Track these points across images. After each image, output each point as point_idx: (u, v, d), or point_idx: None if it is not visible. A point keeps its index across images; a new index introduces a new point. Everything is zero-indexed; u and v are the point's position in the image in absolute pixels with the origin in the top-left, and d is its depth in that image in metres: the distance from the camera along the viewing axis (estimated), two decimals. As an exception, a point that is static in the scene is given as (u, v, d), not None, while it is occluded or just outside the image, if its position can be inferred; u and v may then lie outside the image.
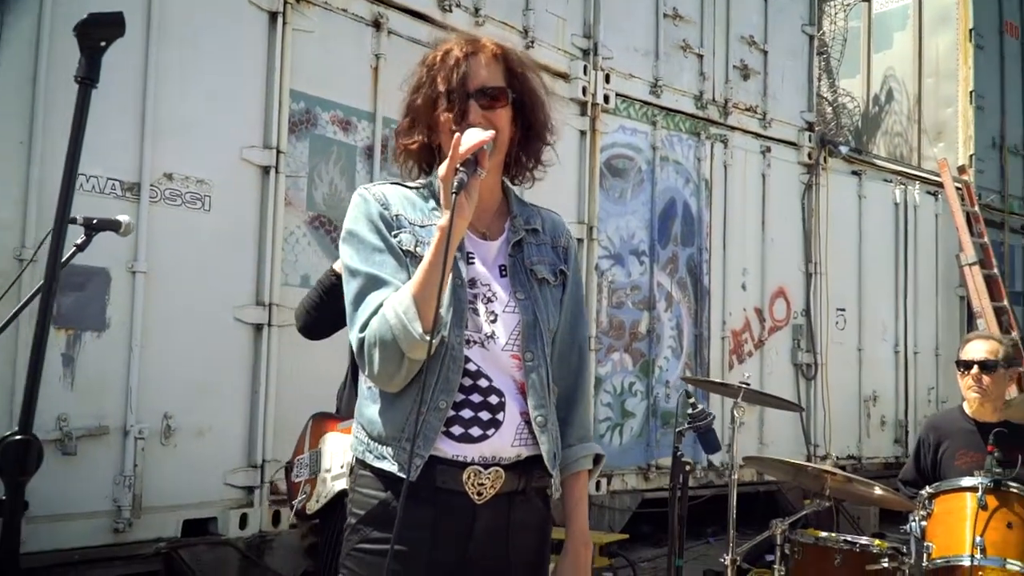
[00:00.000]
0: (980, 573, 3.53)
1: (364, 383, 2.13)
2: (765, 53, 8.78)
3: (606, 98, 7.32)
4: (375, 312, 2.00)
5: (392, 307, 1.97)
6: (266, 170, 5.22)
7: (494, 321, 2.09)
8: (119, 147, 4.62)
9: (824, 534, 4.13)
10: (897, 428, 9.98)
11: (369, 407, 2.10)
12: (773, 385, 8.28)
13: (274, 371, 5.21)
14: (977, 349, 4.35)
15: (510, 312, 2.10)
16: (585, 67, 7.19)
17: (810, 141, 9.11)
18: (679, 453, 3.94)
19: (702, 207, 8.11)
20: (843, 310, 9.45)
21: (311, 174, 5.54)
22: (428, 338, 1.91)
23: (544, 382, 2.10)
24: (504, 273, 2.14)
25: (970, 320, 10.71)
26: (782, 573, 3.95)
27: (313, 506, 3.71)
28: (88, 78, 1.47)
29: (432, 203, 2.14)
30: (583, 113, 7.20)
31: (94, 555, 4.46)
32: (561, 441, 2.18)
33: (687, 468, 3.96)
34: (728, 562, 4.16)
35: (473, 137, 1.98)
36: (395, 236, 2.09)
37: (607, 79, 7.34)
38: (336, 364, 5.46)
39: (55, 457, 4.30)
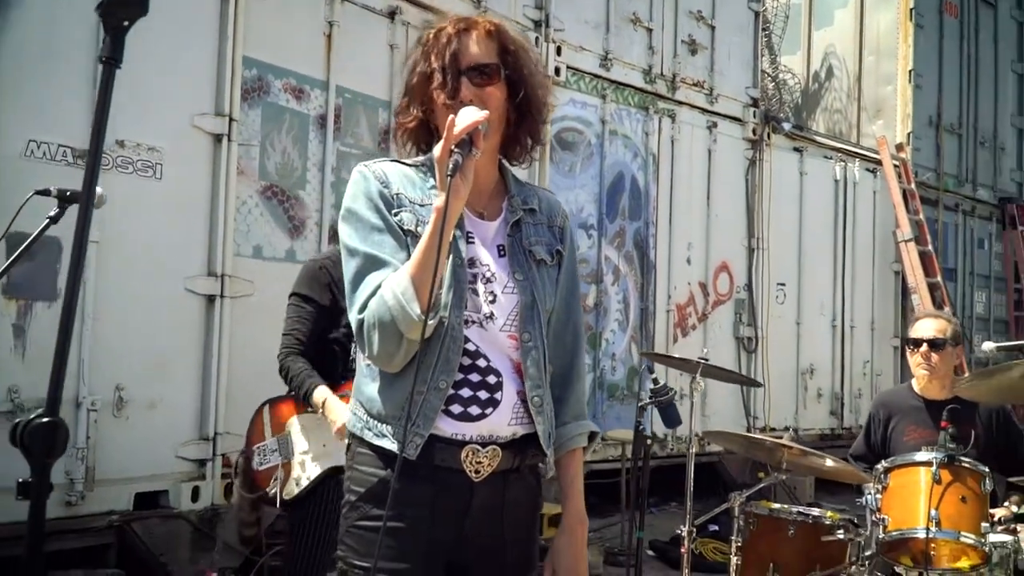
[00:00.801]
0: (933, 545, 3.62)
1: (363, 361, 2.13)
2: (712, 28, 8.83)
3: (557, 71, 7.31)
4: (373, 293, 2.00)
5: (390, 288, 1.96)
6: (218, 138, 5.13)
7: (493, 301, 2.09)
8: (71, 114, 4.50)
9: (777, 506, 4.21)
10: (833, 400, 10.19)
11: (368, 385, 2.10)
12: (716, 359, 8.32)
13: (226, 343, 5.15)
14: (926, 327, 4.45)
15: (509, 293, 2.11)
16: (537, 39, 7.16)
17: (754, 117, 9.20)
18: (641, 427, 3.99)
19: (649, 181, 8.16)
20: (783, 285, 9.60)
21: (263, 143, 5.45)
22: (425, 319, 1.91)
23: (541, 363, 2.12)
24: (502, 253, 2.15)
25: (904, 295, 10.96)
26: (739, 544, 4.02)
27: (293, 490, 3.68)
28: (112, 58, 1.44)
29: (431, 181, 2.13)
30: (535, 85, 7.17)
31: (47, 528, 4.36)
32: (556, 419, 2.20)
33: (648, 442, 4.01)
34: (685, 533, 4.23)
35: (467, 117, 1.98)
36: (395, 215, 2.08)
37: (558, 51, 7.33)
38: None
39: (6, 429, 4.20)
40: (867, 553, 3.80)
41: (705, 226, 8.70)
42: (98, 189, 3.04)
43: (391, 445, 2.03)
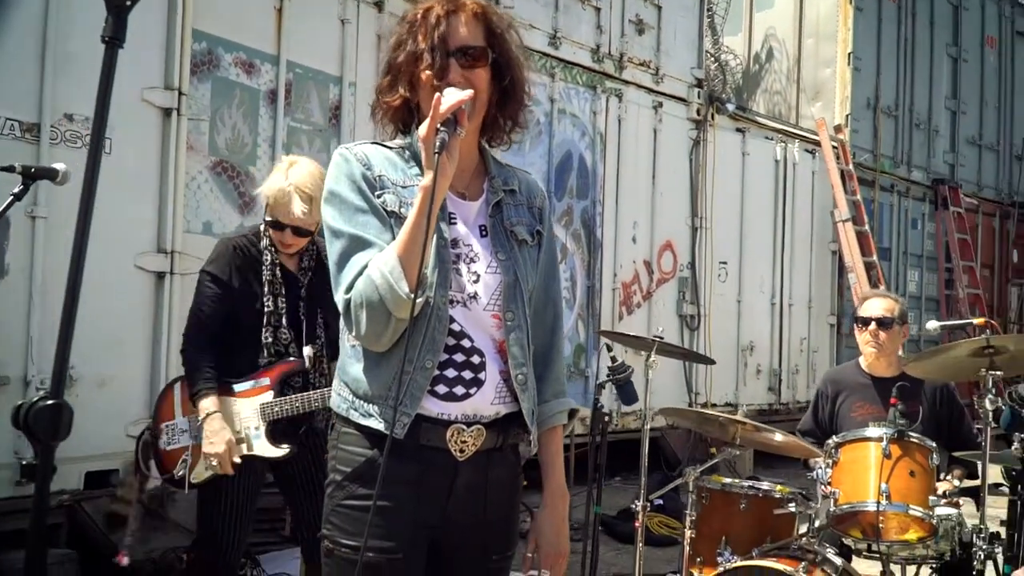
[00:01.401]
0: (882, 517, 3.73)
1: (348, 342, 2.13)
2: (659, 8, 8.89)
3: (506, 49, 7.29)
4: (360, 273, 2.00)
5: (378, 268, 1.97)
6: (167, 112, 5.06)
7: (476, 281, 2.11)
8: (18, 87, 4.40)
9: (729, 480, 4.29)
10: (771, 377, 10.39)
11: (353, 365, 2.11)
12: (660, 336, 8.50)
13: (176, 320, 5.08)
14: (875, 307, 4.56)
15: (492, 272, 2.12)
16: (486, 16, 7.14)
17: (699, 98, 9.29)
18: (599, 405, 4.04)
19: (597, 160, 8.21)
20: (725, 263, 9.74)
21: (213, 118, 5.39)
22: (414, 297, 1.92)
23: (524, 342, 2.14)
24: (484, 233, 2.16)
25: (841, 274, 11.18)
26: (693, 518, 4.09)
27: (202, 474, 3.58)
28: (115, 38, 1.42)
29: (413, 164, 2.14)
30: (484, 63, 7.16)
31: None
32: (537, 397, 2.22)
33: (606, 419, 4.06)
34: (640, 507, 4.30)
35: (453, 96, 1.98)
36: (378, 197, 2.08)
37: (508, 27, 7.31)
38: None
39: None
40: (817, 525, 3.90)
41: (650, 205, 8.79)
42: (60, 165, 3.02)
43: (378, 424, 2.04)
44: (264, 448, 3.59)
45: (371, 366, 2.08)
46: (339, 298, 2.04)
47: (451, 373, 2.06)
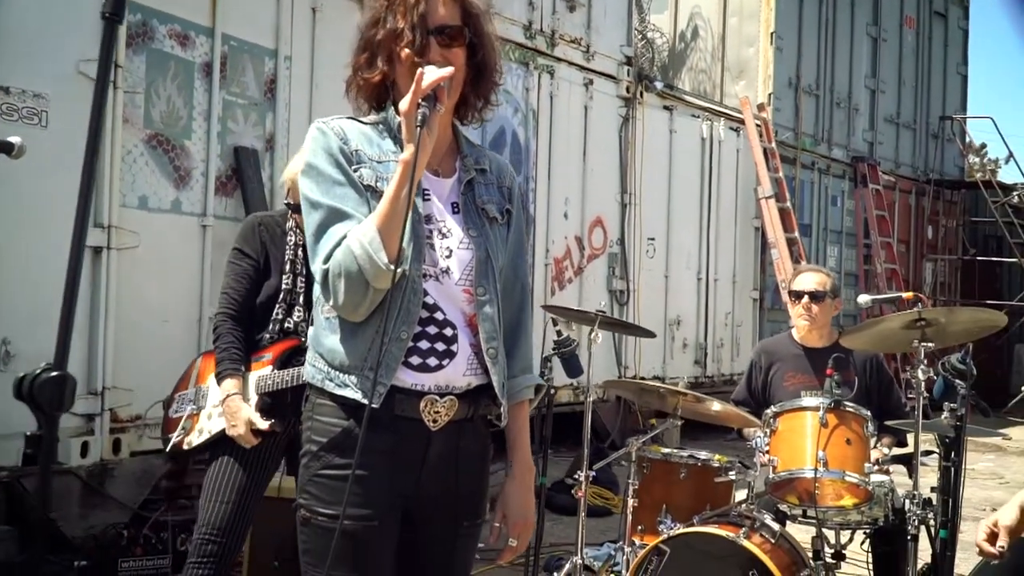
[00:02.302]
0: (818, 484, 3.87)
1: (322, 314, 2.16)
2: (590, -14, 8.95)
3: (441, 23, 7.29)
4: (338, 244, 2.04)
5: (357, 239, 2.01)
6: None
7: (448, 256, 2.15)
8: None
9: (668, 450, 4.41)
10: (697, 350, 10.60)
11: (328, 337, 2.14)
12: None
13: (113, 296, 5.02)
14: (808, 280, 4.70)
15: (464, 248, 2.17)
16: (421, -9, 7.12)
17: (628, 75, 9.39)
18: (547, 378, 4.11)
19: (529, 137, 8.26)
20: (653, 239, 9.89)
21: (148, 90, 5.29)
22: (393, 268, 1.98)
23: (495, 316, 2.19)
24: (456, 210, 2.21)
25: (764, 250, 11.45)
26: (635, 487, 4.19)
27: (193, 440, 3.65)
28: (115, 14, 1.43)
29: (388, 139, 2.18)
30: (418, 38, 7.15)
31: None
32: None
33: (552, 392, 4.13)
34: (583, 478, 4.39)
35: (434, 73, 2.03)
36: (355, 170, 2.12)
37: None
38: (177, 291, 5.37)
39: None
40: (756, 492, 4.03)
41: (581, 182, 8.88)
42: (15, 138, 2.96)
43: (354, 394, 2.08)
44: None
45: (347, 337, 2.11)
46: (316, 268, 2.08)
47: (424, 345, 2.11)
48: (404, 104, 2.01)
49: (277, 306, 3.63)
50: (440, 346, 2.12)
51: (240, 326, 3.61)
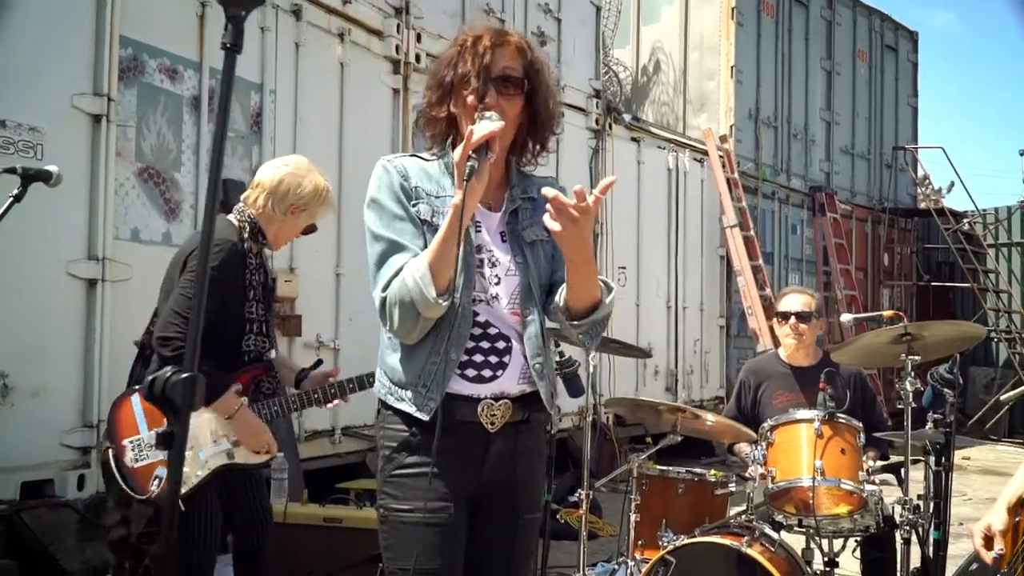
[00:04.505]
0: (811, 494, 3.98)
1: (385, 334, 2.37)
2: (559, 21, 9.16)
3: (417, 57, 7.42)
4: (395, 274, 2.24)
5: (411, 272, 2.22)
6: (97, 118, 5.01)
7: (498, 283, 2.36)
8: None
9: (663, 468, 4.52)
10: (668, 377, 10.76)
11: (391, 355, 2.37)
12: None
13: (108, 328, 5.04)
14: (794, 301, 4.85)
15: (511, 275, 2.37)
16: (398, 25, 7.26)
17: (597, 108, 9.59)
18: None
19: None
20: (624, 268, 10.05)
21: (139, 124, 5.36)
22: (441, 301, 2.19)
23: (539, 332, 2.38)
24: (504, 239, 2.41)
25: (730, 278, 11.65)
26: (637, 502, 4.30)
27: (191, 481, 3.45)
28: (235, 44, 1.53)
29: (447, 176, 2.38)
30: (396, 71, 7.28)
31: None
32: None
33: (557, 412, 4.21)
34: (584, 496, 4.48)
35: (484, 128, 2.22)
36: (414, 206, 2.33)
37: (418, 39, 7.45)
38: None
39: None
40: (755, 503, 4.15)
41: (554, 212, 8.98)
42: (53, 167, 3.02)
43: (409, 408, 2.31)
44: (245, 456, 3.58)
45: (404, 356, 2.33)
46: (376, 295, 2.29)
47: (479, 359, 2.32)
48: (456, 154, 2.22)
49: (246, 337, 3.58)
50: (493, 359, 2.32)
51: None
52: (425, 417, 2.26)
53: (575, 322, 2.32)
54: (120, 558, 4.56)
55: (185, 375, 1.41)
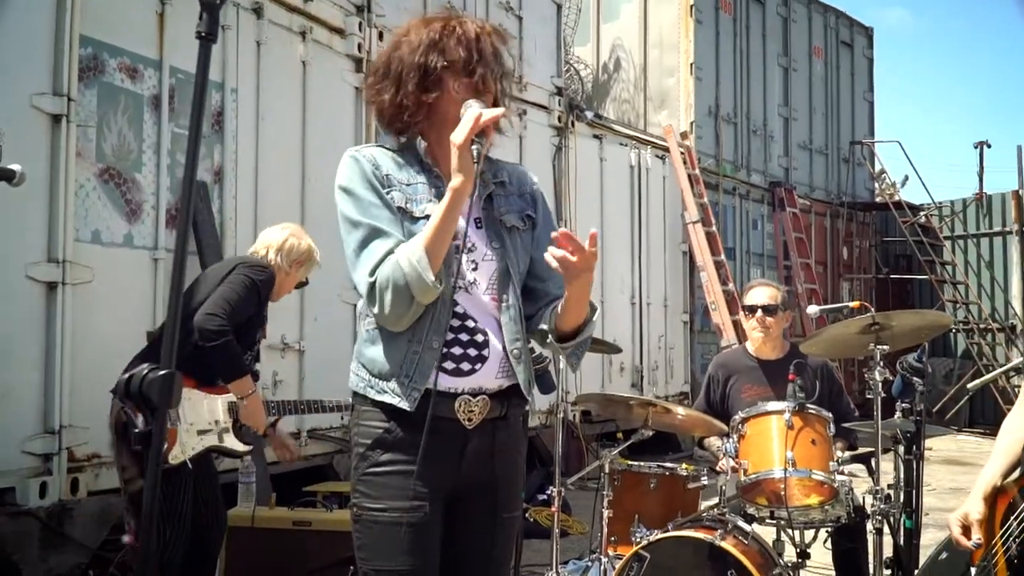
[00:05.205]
0: (783, 485, 4.00)
1: (364, 326, 2.32)
2: (520, 19, 9.15)
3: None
4: (382, 259, 2.20)
5: (406, 256, 2.17)
6: (56, 119, 4.92)
7: (475, 269, 2.33)
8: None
9: (634, 463, 4.52)
10: (634, 373, 10.79)
11: (369, 347, 2.30)
12: (532, 336, 8.72)
13: (68, 332, 4.94)
14: (761, 295, 4.87)
15: (488, 260, 2.35)
16: (360, 23, 7.22)
17: (559, 105, 9.59)
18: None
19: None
20: (588, 262, 10.02)
21: (100, 124, 5.27)
22: (439, 285, 2.17)
23: (518, 318, 2.35)
24: (480, 225, 2.37)
25: (692, 273, 11.71)
26: (610, 498, 4.29)
27: (178, 456, 3.77)
28: (210, 33, 1.49)
29: (415, 164, 2.35)
30: (358, 70, 7.23)
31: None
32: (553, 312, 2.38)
33: (527, 409, 4.20)
34: (555, 493, 4.47)
35: (490, 112, 2.21)
36: (387, 193, 2.29)
37: (380, 37, 7.41)
38: (131, 325, 5.31)
39: None
40: (728, 496, 4.16)
41: (518, 210, 8.97)
42: (16, 166, 2.96)
43: (392, 400, 2.25)
44: (232, 442, 4.02)
45: (384, 347, 2.27)
46: (362, 280, 2.23)
47: (458, 351, 2.28)
48: (458, 137, 2.17)
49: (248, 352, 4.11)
50: (472, 351, 2.28)
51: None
52: (409, 407, 2.21)
53: (564, 344, 2.37)
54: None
55: (162, 372, 1.37)
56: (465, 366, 2.28)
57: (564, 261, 2.19)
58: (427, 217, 2.24)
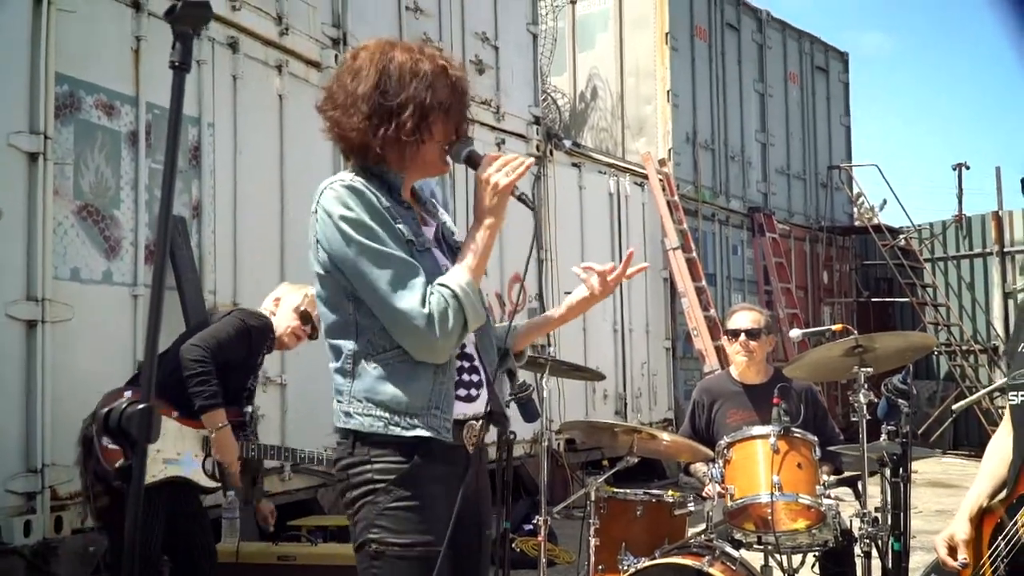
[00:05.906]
0: (770, 510, 3.99)
1: (371, 368, 2.26)
2: (496, 49, 9.20)
3: (357, 88, 7.39)
4: (426, 291, 2.20)
5: (459, 287, 2.23)
6: (34, 157, 4.90)
7: None
8: None
9: (620, 490, 4.49)
10: (617, 400, 10.78)
11: (385, 385, 2.25)
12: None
13: (49, 370, 4.91)
14: (743, 319, 4.87)
15: None
16: (336, 56, 7.24)
17: (538, 134, 9.63)
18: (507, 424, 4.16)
19: (447, 197, 8.36)
20: (569, 292, 9.94)
21: (77, 161, 5.25)
22: (486, 314, 2.25)
23: (488, 332, 2.44)
24: (444, 252, 2.44)
25: (674, 299, 11.73)
26: (596, 526, 4.26)
27: (155, 476, 3.80)
28: (184, 63, 1.49)
29: (391, 199, 2.34)
30: (336, 103, 7.23)
31: None
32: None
33: (511, 438, 4.19)
34: (541, 522, 4.44)
35: (528, 162, 2.41)
36: (397, 225, 2.29)
37: (357, 70, 7.42)
38: (112, 362, 5.27)
39: None
40: (715, 521, 4.15)
41: (499, 239, 8.95)
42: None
43: (427, 433, 2.23)
44: (196, 476, 3.99)
45: (406, 382, 2.24)
46: (411, 312, 2.19)
47: (465, 377, 2.33)
48: (503, 179, 2.32)
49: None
50: (475, 377, 2.35)
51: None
52: (449, 438, 2.24)
53: (519, 362, 2.58)
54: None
55: (141, 407, 1.36)
56: (473, 392, 2.34)
57: (604, 284, 2.60)
58: (429, 250, 2.30)
